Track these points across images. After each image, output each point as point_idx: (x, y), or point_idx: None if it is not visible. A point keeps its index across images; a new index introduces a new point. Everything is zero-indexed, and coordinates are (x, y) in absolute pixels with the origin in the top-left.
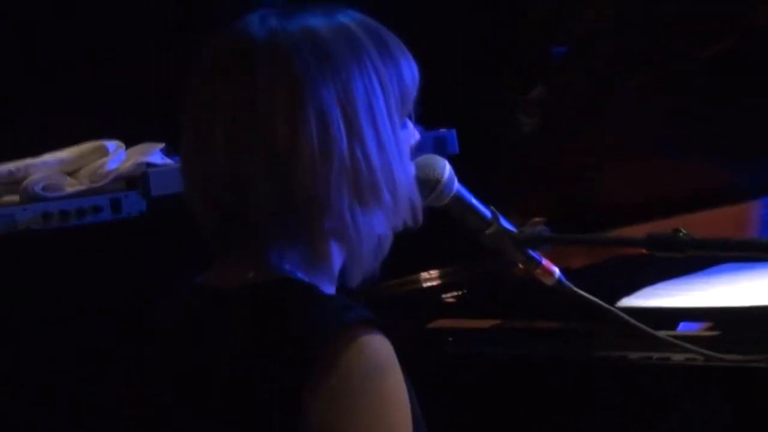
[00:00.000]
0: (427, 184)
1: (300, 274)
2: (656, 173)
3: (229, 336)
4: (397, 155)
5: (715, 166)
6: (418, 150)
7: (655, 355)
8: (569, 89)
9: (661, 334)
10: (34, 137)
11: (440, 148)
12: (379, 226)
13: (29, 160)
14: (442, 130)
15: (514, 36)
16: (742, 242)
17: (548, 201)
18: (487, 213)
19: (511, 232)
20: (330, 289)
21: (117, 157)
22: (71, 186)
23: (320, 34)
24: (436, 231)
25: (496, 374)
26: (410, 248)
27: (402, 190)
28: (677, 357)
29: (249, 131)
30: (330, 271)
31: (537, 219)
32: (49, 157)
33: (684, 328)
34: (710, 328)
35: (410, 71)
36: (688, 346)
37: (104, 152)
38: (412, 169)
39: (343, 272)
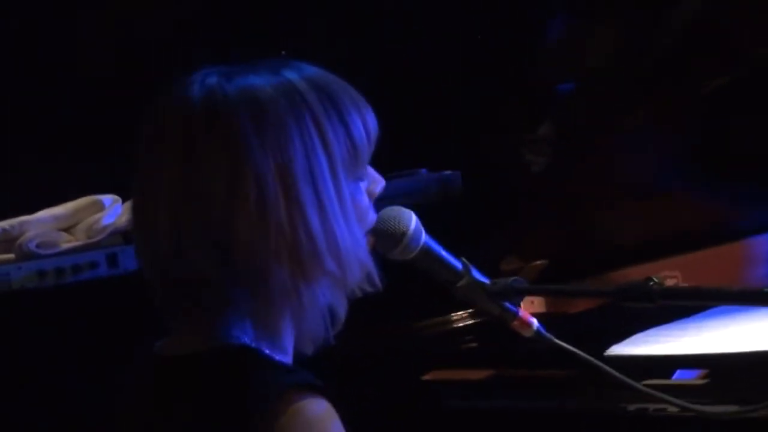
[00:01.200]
0: (393, 237)
1: (247, 339)
2: (660, 211)
3: (171, 405)
4: (342, 220)
5: (721, 202)
6: (424, 192)
7: (651, 407)
8: (575, 127)
9: (639, 384)
10: (28, 193)
11: (445, 190)
12: (324, 295)
13: (24, 218)
14: (447, 172)
15: (519, 75)
16: (714, 291)
17: (552, 242)
18: (458, 265)
19: (484, 284)
20: (282, 352)
21: (113, 211)
22: (67, 242)
23: (259, 96)
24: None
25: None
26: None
27: (348, 256)
28: (672, 409)
29: (188, 201)
30: (280, 337)
31: (538, 262)
32: (43, 214)
33: (680, 375)
34: (705, 376)
35: (361, 124)
36: (664, 396)
37: (100, 207)
38: (360, 233)
39: (295, 341)
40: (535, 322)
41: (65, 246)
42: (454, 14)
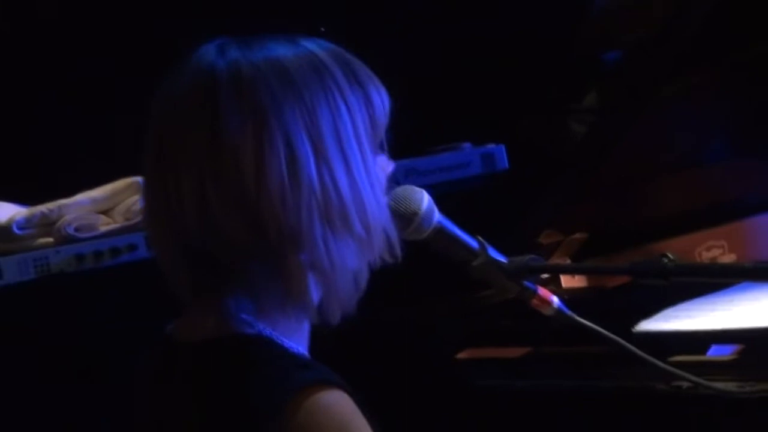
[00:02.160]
0: (404, 217)
1: (261, 326)
2: (704, 181)
3: (181, 399)
4: (368, 184)
5: (760, 171)
6: (467, 167)
7: (684, 385)
8: (619, 98)
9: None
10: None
11: (489, 165)
12: (352, 259)
13: (62, 201)
14: (491, 146)
15: (564, 45)
16: (728, 267)
17: (593, 215)
18: (474, 244)
19: (500, 262)
20: (299, 338)
21: None
22: (105, 225)
23: (285, 63)
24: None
25: (525, 407)
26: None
27: (374, 221)
28: (724, 385)
29: (216, 167)
30: (299, 317)
31: (578, 236)
32: (82, 197)
33: (716, 351)
34: (740, 351)
35: (379, 99)
36: (681, 373)
37: (138, 189)
38: (384, 200)
39: (321, 310)
40: (555, 300)
41: (104, 229)
42: None
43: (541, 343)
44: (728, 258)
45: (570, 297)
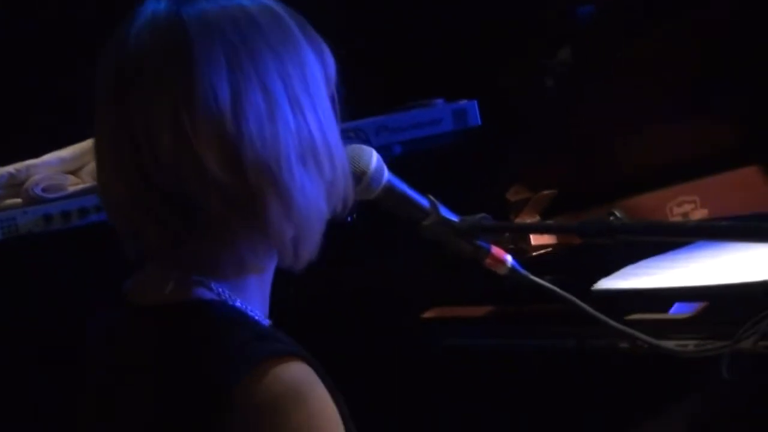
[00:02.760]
0: (353, 176)
1: (218, 287)
2: (676, 137)
3: (138, 365)
4: (334, 128)
5: (734, 125)
6: (438, 124)
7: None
8: (591, 52)
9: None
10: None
11: (461, 121)
12: (323, 203)
13: (30, 162)
14: (463, 102)
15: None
16: (673, 226)
17: (563, 171)
18: (425, 202)
19: (452, 221)
20: (257, 303)
21: None
22: (74, 185)
23: (249, 10)
24: None
25: (492, 365)
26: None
27: (341, 166)
28: (667, 344)
29: (193, 103)
30: (269, 262)
31: (547, 192)
32: (50, 157)
33: (678, 309)
34: (703, 309)
35: (330, 59)
36: (631, 331)
37: None
38: (343, 149)
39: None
40: (509, 258)
41: (72, 189)
42: None
43: (506, 302)
44: (700, 213)
45: (540, 255)
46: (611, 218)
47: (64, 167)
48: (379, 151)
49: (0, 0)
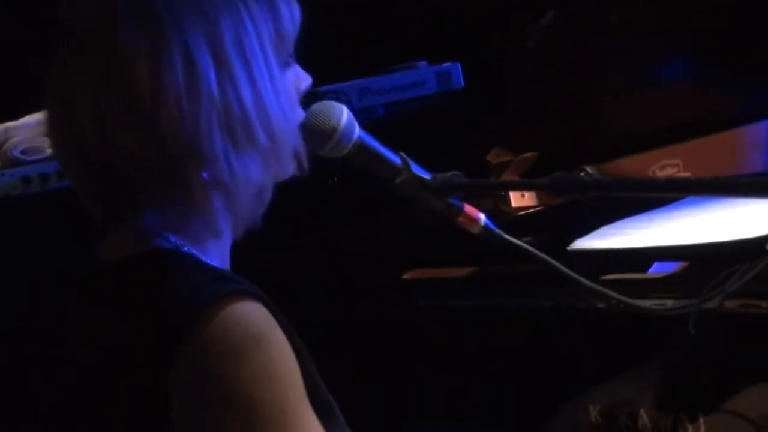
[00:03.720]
0: (323, 132)
1: (177, 240)
2: (658, 101)
3: (104, 318)
4: (273, 96)
5: (716, 90)
6: (421, 86)
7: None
8: (576, 16)
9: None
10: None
11: (444, 83)
12: (256, 171)
13: (9, 123)
14: (446, 64)
15: None
16: (645, 181)
17: (544, 134)
18: (396, 159)
19: (424, 179)
20: (216, 255)
21: None
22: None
23: None
24: None
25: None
26: None
27: (280, 133)
28: (645, 303)
29: (111, 79)
30: (213, 228)
31: (528, 155)
32: (29, 119)
33: (658, 268)
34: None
35: (288, 11)
36: (609, 292)
37: None
38: (293, 113)
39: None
40: (482, 217)
41: (51, 151)
42: None
43: (485, 264)
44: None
45: (520, 217)
46: (582, 174)
47: (43, 129)
48: (361, 113)
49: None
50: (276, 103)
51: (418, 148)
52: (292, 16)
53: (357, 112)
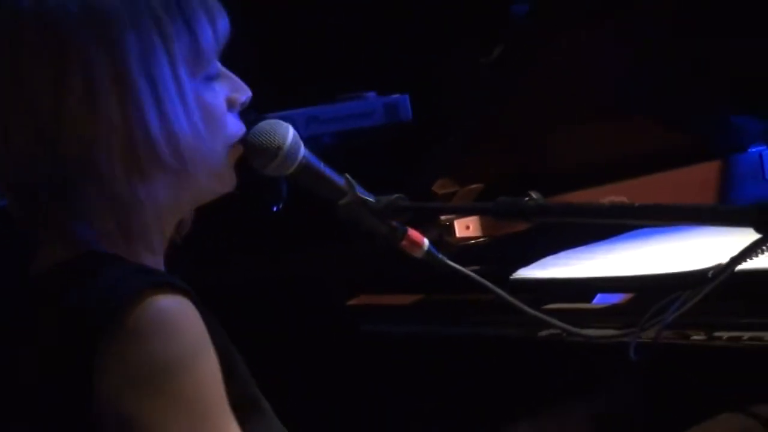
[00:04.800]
0: (269, 150)
1: (104, 247)
2: (608, 135)
3: (29, 323)
4: (183, 116)
5: (664, 127)
6: (369, 116)
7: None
8: (527, 49)
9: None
10: None
11: (392, 114)
12: (166, 192)
13: None
14: (395, 96)
15: None
16: (588, 207)
17: (490, 165)
18: (340, 181)
19: (368, 201)
20: (149, 256)
21: None
22: None
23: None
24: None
25: (413, 353)
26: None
27: (190, 151)
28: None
29: (16, 102)
30: (143, 239)
31: (474, 186)
32: None
33: (602, 299)
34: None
35: (207, 27)
36: (551, 320)
37: None
38: (213, 131)
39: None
40: (426, 242)
41: None
42: None
43: (433, 291)
44: None
45: (465, 247)
46: (526, 199)
47: None
48: (308, 141)
49: None
50: (185, 122)
51: (363, 178)
52: (214, 29)
53: (303, 141)
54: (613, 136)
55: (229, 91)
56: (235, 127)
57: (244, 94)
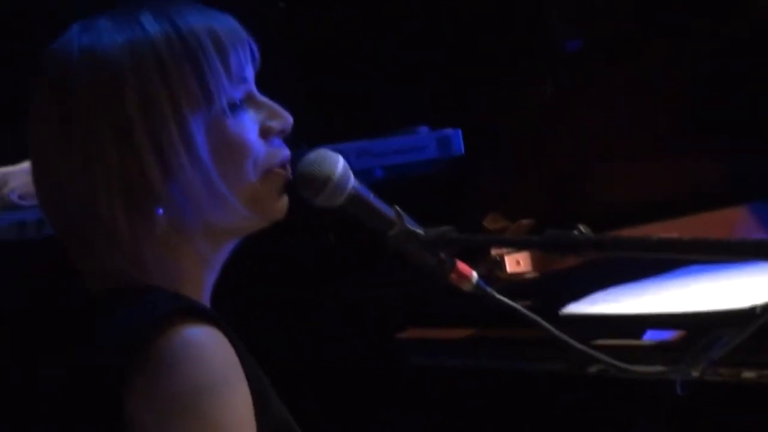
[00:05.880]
0: (318, 180)
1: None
2: (658, 173)
3: (64, 355)
4: (185, 155)
5: (721, 166)
6: (421, 151)
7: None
8: (577, 83)
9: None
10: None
11: (445, 149)
12: (181, 227)
13: (7, 169)
14: (447, 130)
15: (528, 31)
16: (639, 241)
17: (544, 202)
18: (390, 212)
19: (417, 233)
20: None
21: None
22: None
23: (98, 55)
24: None
25: (462, 387)
26: None
27: (199, 188)
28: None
29: (39, 158)
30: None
31: (525, 221)
32: (27, 165)
33: (652, 335)
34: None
35: (217, 57)
36: (600, 356)
37: None
38: (230, 160)
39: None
40: (475, 275)
41: None
42: None
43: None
44: None
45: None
46: (575, 232)
47: None
48: (359, 175)
49: None
50: (188, 165)
51: (414, 211)
52: (224, 59)
53: (355, 174)
54: (662, 173)
55: (264, 118)
56: (271, 154)
57: (281, 121)
